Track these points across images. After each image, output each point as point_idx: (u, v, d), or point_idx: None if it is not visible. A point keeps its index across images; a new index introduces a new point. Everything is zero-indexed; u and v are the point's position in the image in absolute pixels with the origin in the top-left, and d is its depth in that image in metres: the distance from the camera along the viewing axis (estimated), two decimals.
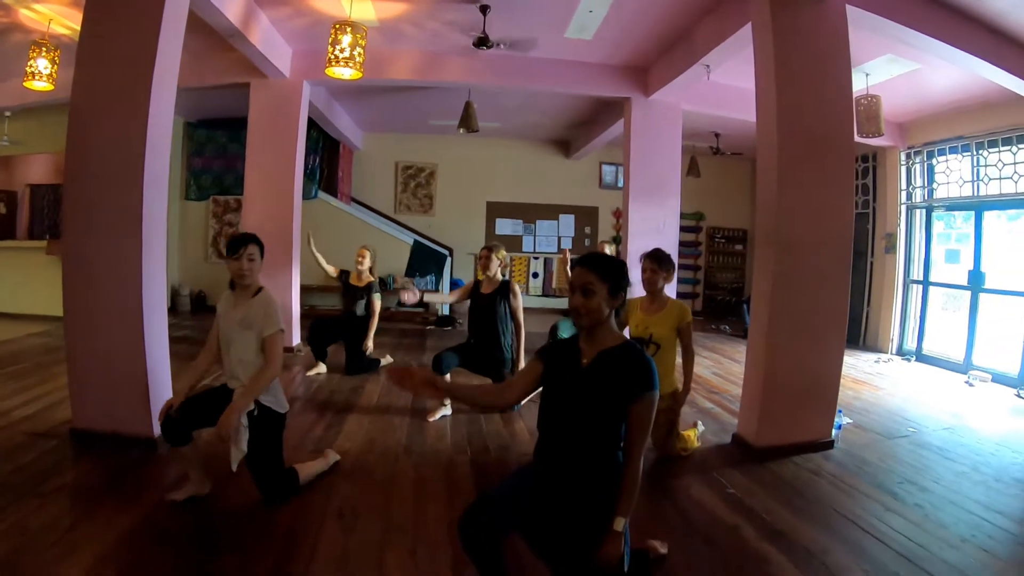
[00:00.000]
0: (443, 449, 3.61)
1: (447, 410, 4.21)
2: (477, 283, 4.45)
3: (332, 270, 5.39)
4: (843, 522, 2.83)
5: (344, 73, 4.43)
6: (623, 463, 1.83)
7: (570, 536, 1.80)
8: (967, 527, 2.81)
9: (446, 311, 8.76)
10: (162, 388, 3.46)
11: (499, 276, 4.38)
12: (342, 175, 8.84)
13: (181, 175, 8.39)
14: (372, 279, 5.37)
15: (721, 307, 10.39)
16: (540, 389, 4.65)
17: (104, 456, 3.15)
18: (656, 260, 3.34)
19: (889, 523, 2.81)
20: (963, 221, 6.65)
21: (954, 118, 6.30)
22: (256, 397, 2.63)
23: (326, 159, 8.50)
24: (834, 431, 3.90)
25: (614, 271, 1.87)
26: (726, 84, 6.28)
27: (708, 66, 5.18)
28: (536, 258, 10.28)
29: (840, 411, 4.01)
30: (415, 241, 8.73)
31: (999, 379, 5.61)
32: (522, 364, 4.43)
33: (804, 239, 3.65)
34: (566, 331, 5.51)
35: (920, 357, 6.66)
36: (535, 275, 10.25)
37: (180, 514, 2.61)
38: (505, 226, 10.21)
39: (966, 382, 5.71)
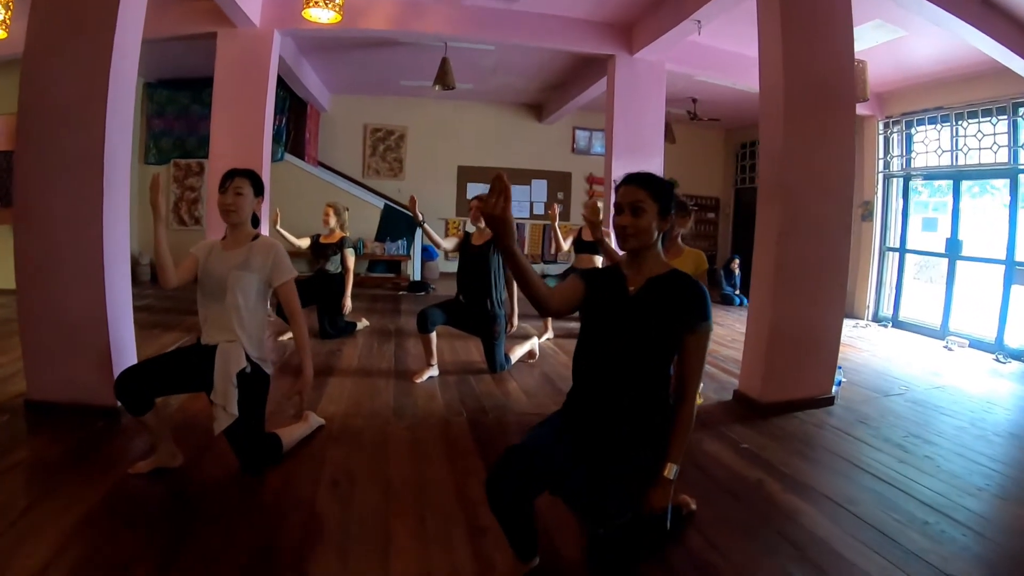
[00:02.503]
0: (436, 410, 3.39)
1: (434, 371, 4.00)
2: (467, 235, 4.20)
3: (304, 242, 5.06)
4: (862, 474, 2.79)
5: (322, 16, 4.09)
6: (677, 401, 1.66)
7: (613, 486, 1.61)
8: (980, 477, 2.82)
9: (418, 276, 8.51)
10: (126, 352, 3.13)
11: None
12: (309, 137, 8.41)
13: (140, 138, 7.87)
14: (344, 234, 5.07)
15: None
16: (533, 346, 4.46)
17: (63, 429, 2.80)
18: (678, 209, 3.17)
19: (905, 474, 2.80)
20: (929, 195, 6.73)
21: (933, 89, 6.31)
22: (305, 355, 2.43)
23: (293, 120, 8.08)
24: (834, 387, 3.86)
25: (665, 190, 1.70)
26: (710, 45, 6.17)
27: (699, 21, 5.01)
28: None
29: (840, 367, 3.96)
30: (385, 205, 8.43)
31: (976, 344, 5.70)
32: (516, 319, 4.22)
33: (807, 189, 3.58)
34: None
35: (896, 323, 6.75)
36: None
37: (152, 489, 2.30)
38: (476, 191, 9.82)
39: (944, 347, 5.78)
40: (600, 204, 5.40)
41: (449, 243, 4.18)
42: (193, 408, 3.13)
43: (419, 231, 8.51)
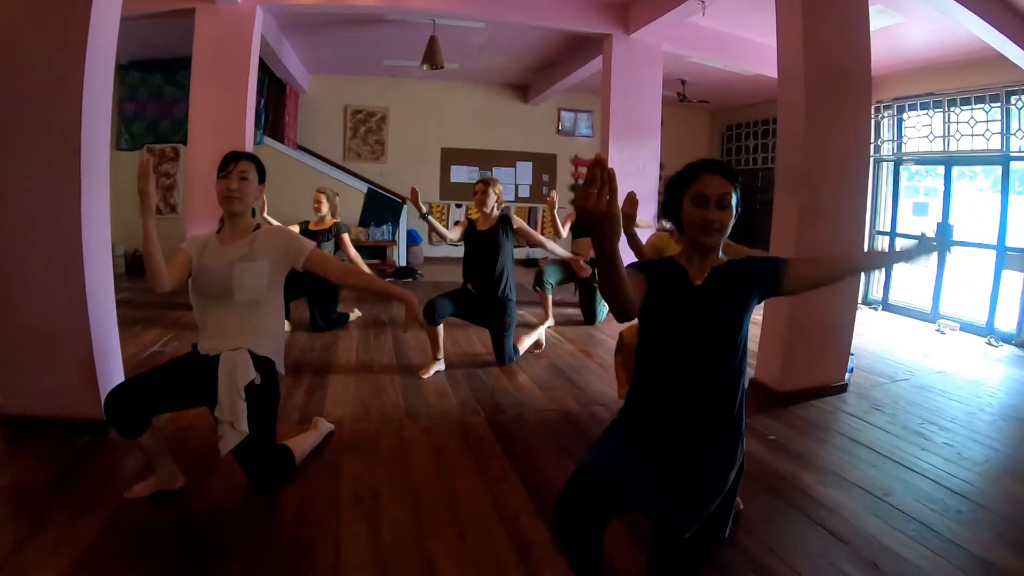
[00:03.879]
0: (450, 410, 3.23)
1: (441, 365, 3.84)
2: (471, 222, 4.01)
3: (295, 230, 4.79)
4: (889, 463, 2.81)
5: None
6: (850, 266, 1.78)
7: (698, 487, 1.49)
8: (998, 464, 2.85)
9: (403, 262, 8.29)
10: (111, 358, 2.85)
11: (496, 212, 3.94)
12: (288, 120, 8.05)
13: (112, 123, 7.39)
14: (336, 220, 4.85)
15: None
16: (540, 335, 4.33)
17: (46, 447, 2.52)
18: None
19: (930, 462, 2.82)
20: (907, 179, 6.76)
21: (926, 75, 6.27)
22: (387, 288, 2.24)
23: (272, 102, 7.73)
24: (847, 374, 3.84)
25: (740, 182, 1.60)
26: (706, 26, 6.04)
27: (703, 2, 4.86)
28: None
29: (852, 354, 3.92)
30: (369, 189, 8.20)
31: (967, 328, 5.75)
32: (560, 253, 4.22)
33: (827, 174, 3.52)
34: (552, 276, 5.22)
35: (886, 306, 6.79)
36: None
37: (155, 516, 2.06)
38: (460, 173, 9.69)
39: (937, 330, 5.82)
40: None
41: (455, 233, 3.98)
42: (186, 417, 2.83)
43: (404, 215, 8.33)
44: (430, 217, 3.85)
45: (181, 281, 2.14)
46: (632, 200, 2.50)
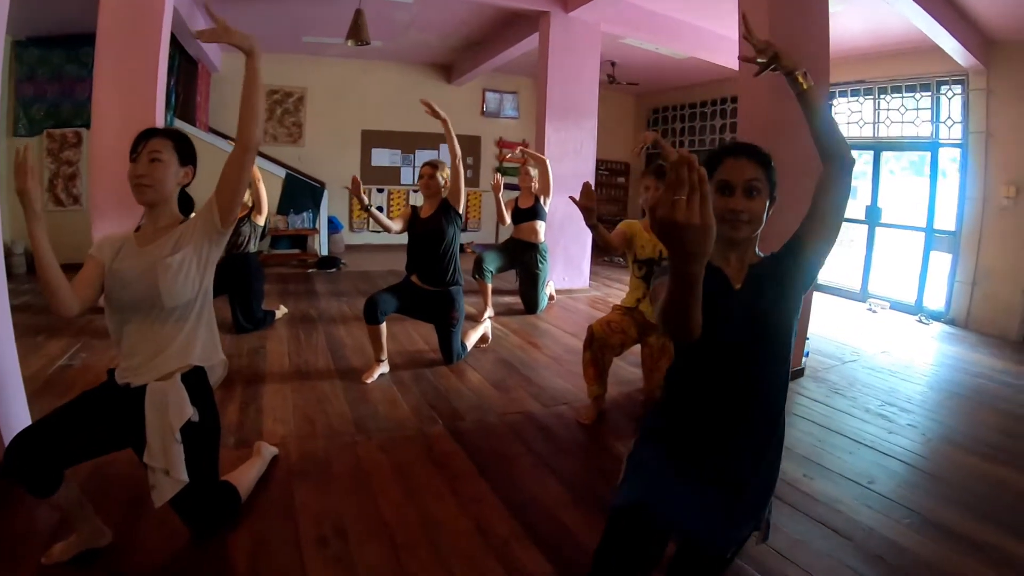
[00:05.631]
0: (404, 419, 2.91)
1: (384, 367, 3.50)
2: (415, 209, 3.68)
3: None
4: (863, 448, 2.82)
5: None
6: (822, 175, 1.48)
7: (745, 503, 1.34)
8: (961, 443, 2.91)
9: (325, 251, 7.81)
10: (9, 385, 2.28)
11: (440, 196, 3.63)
12: (200, 100, 7.31)
13: (8, 106, 6.55)
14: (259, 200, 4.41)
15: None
16: (486, 329, 4.09)
17: None
18: (660, 177, 2.89)
19: (900, 444, 2.86)
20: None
21: (857, 63, 6.41)
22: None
23: (183, 81, 6.96)
24: (803, 358, 3.84)
25: (773, 166, 1.41)
26: (642, 7, 5.93)
27: None
28: (416, 191, 9.35)
29: (809, 338, 3.92)
30: (287, 174, 7.65)
31: (896, 306, 6.01)
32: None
33: (793, 161, 3.38)
34: (492, 264, 4.98)
35: (816, 286, 6.99)
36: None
37: None
38: (382, 156, 9.21)
39: (868, 309, 6.04)
40: (534, 172, 5.05)
41: (398, 224, 3.63)
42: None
43: (324, 201, 7.88)
44: (372, 208, 3.50)
45: (92, 298, 1.68)
46: (589, 192, 2.25)
